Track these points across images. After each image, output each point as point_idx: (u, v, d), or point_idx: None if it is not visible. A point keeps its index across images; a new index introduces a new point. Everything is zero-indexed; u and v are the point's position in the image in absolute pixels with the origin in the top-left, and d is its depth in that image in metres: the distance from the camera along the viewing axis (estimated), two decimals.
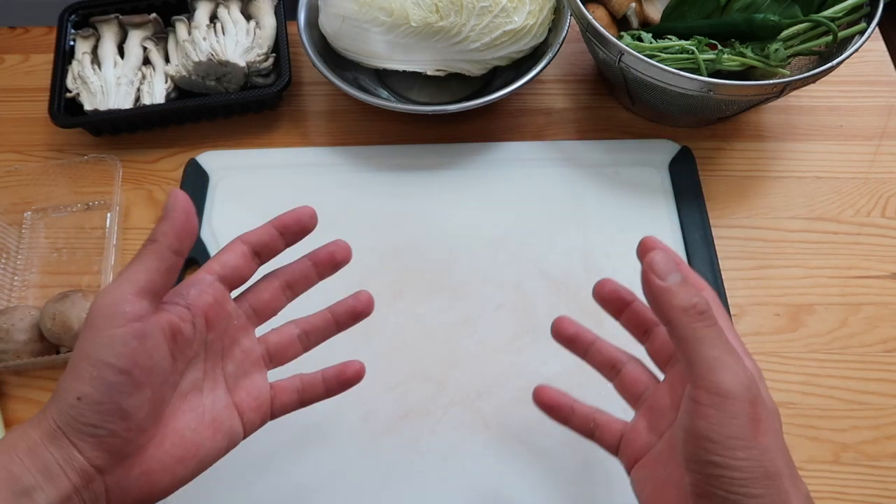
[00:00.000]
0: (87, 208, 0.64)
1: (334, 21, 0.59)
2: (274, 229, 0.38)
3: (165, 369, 0.32)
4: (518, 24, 0.57)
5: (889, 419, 0.54)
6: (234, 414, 0.36)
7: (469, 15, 0.55)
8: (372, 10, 0.56)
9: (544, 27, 0.61)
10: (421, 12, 0.55)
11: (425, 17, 0.55)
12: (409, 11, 0.55)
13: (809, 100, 0.71)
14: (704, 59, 0.59)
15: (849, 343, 0.57)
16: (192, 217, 0.34)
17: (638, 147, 0.67)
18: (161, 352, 0.32)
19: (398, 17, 0.55)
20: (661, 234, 0.61)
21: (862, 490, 0.51)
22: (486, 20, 0.55)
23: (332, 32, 0.61)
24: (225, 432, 0.36)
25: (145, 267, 0.32)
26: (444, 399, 0.54)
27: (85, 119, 0.65)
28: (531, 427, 0.53)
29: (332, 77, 0.61)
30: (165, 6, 0.72)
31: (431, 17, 0.55)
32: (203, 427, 0.35)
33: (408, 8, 0.55)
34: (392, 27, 0.56)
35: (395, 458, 0.52)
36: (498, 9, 0.55)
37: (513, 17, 0.56)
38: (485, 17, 0.55)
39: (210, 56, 0.65)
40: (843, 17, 0.60)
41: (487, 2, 0.55)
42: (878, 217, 0.64)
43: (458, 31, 0.55)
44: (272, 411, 0.38)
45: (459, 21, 0.55)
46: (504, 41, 0.57)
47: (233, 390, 0.37)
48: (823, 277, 0.61)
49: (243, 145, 0.68)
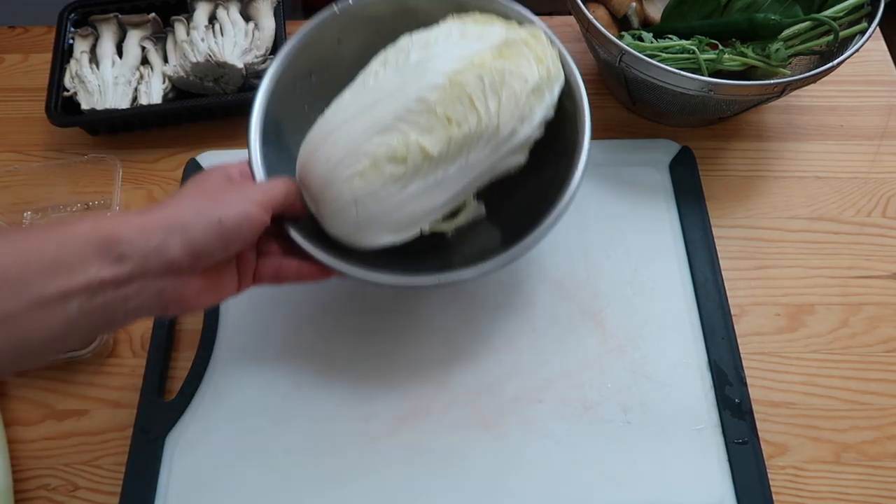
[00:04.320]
0: (87, 208, 0.64)
1: (347, 213, 0.44)
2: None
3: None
4: (535, 80, 0.46)
5: (890, 419, 0.54)
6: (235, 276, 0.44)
7: (483, 99, 0.43)
8: (380, 171, 0.42)
9: (558, 66, 0.49)
10: (434, 135, 0.43)
11: (444, 136, 0.43)
12: (421, 143, 0.42)
13: (810, 100, 0.71)
14: (705, 58, 0.59)
15: (849, 343, 0.57)
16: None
17: (638, 147, 0.67)
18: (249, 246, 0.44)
19: (413, 156, 0.42)
20: (661, 234, 0.61)
21: (862, 490, 0.51)
22: (504, 94, 0.44)
23: (351, 230, 0.45)
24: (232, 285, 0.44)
25: (281, 191, 0.43)
26: (444, 399, 0.54)
27: (82, 118, 0.65)
28: (531, 427, 0.53)
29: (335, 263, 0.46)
30: (165, 6, 0.72)
31: (450, 131, 0.43)
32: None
33: (417, 141, 0.42)
34: (413, 173, 0.43)
35: (395, 458, 0.52)
36: (507, 76, 0.44)
37: (525, 76, 0.45)
38: (500, 91, 0.44)
39: (208, 57, 0.65)
40: (844, 17, 0.60)
41: (490, 76, 0.44)
42: (879, 217, 0.64)
43: (482, 126, 0.43)
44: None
45: (478, 113, 0.43)
46: (533, 104, 0.46)
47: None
48: (824, 277, 0.61)
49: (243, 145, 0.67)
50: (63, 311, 0.33)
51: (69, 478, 0.52)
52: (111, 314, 0.35)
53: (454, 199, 0.46)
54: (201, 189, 0.41)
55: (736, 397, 0.54)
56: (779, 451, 0.53)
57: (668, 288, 0.59)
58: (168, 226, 0.37)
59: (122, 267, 0.35)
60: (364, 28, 0.54)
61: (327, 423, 0.53)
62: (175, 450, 0.52)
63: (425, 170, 0.43)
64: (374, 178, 0.43)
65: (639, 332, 0.56)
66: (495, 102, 0.44)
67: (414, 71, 0.44)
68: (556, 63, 0.48)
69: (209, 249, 0.38)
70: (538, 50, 0.47)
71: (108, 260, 0.34)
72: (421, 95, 0.43)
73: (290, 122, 0.53)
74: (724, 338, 0.56)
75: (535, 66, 0.46)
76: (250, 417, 0.53)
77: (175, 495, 0.50)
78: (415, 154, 0.42)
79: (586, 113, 0.49)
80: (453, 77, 0.43)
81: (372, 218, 0.44)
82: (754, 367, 0.56)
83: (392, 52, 0.46)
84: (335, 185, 0.43)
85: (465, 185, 0.45)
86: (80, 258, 0.34)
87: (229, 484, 0.51)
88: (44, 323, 0.32)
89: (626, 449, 0.52)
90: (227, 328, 0.57)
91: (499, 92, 0.44)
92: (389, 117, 0.43)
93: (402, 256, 0.47)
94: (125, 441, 0.52)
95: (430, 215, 0.46)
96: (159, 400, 0.53)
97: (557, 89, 0.48)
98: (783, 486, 0.51)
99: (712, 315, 0.57)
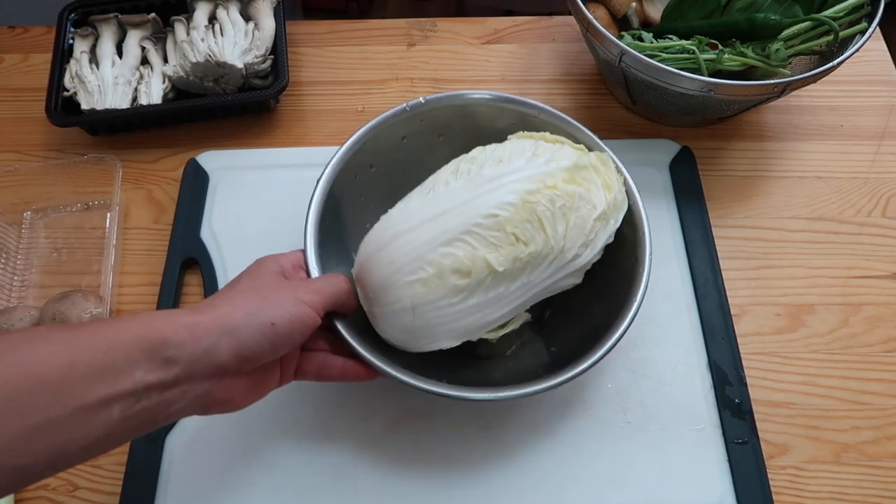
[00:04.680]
0: (86, 208, 0.64)
1: (403, 318, 0.44)
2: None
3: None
4: (602, 207, 0.46)
5: (890, 419, 0.54)
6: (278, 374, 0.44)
7: (552, 221, 0.43)
8: (444, 281, 0.42)
9: (623, 194, 0.49)
10: (501, 252, 0.42)
11: (510, 254, 0.42)
12: (487, 258, 0.42)
13: (810, 100, 0.71)
14: (705, 58, 0.59)
15: (849, 343, 0.57)
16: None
17: (638, 147, 0.67)
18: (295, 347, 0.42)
19: (478, 270, 0.42)
20: (662, 234, 0.61)
21: (862, 490, 0.51)
22: (572, 219, 0.44)
23: (404, 335, 0.45)
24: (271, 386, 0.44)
25: (334, 291, 0.43)
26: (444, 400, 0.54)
27: (82, 118, 0.65)
28: (531, 427, 0.53)
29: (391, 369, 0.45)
30: (165, 6, 0.72)
31: (517, 250, 0.43)
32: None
33: (484, 256, 0.42)
34: (475, 287, 0.43)
35: (396, 459, 0.52)
36: (576, 200, 0.44)
37: (593, 202, 0.45)
38: (569, 215, 0.44)
39: (208, 57, 0.65)
40: (844, 17, 0.60)
41: (561, 199, 0.44)
42: (879, 217, 0.64)
43: (548, 247, 0.43)
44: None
45: (545, 235, 0.43)
46: (598, 230, 0.46)
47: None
48: (824, 277, 0.61)
49: (243, 145, 0.68)
50: (106, 415, 0.32)
51: (69, 478, 0.52)
52: (152, 417, 0.34)
53: (511, 314, 0.46)
54: (254, 285, 0.41)
55: (736, 397, 0.54)
56: (779, 451, 0.53)
57: (668, 288, 0.59)
58: (220, 328, 0.36)
59: (168, 371, 0.34)
60: (428, 128, 0.56)
61: (327, 422, 0.53)
62: (175, 450, 0.52)
63: (487, 284, 0.43)
64: (436, 287, 0.42)
65: (639, 333, 0.56)
66: (563, 226, 0.44)
67: (486, 185, 0.44)
68: (622, 191, 0.49)
69: (259, 353, 0.38)
70: (606, 176, 0.48)
71: (156, 363, 0.34)
72: (492, 211, 0.43)
73: (347, 210, 0.53)
74: (724, 338, 0.56)
75: (602, 192, 0.46)
76: (250, 417, 0.53)
77: (175, 495, 0.50)
78: (480, 268, 0.42)
79: (647, 243, 0.49)
80: (525, 197, 0.43)
81: (428, 326, 0.44)
82: (754, 367, 0.56)
83: (465, 162, 0.47)
84: (395, 289, 0.43)
85: (523, 301, 0.45)
86: (128, 362, 0.33)
87: (229, 484, 0.51)
88: (85, 429, 0.32)
89: (625, 449, 0.52)
90: None
91: (567, 216, 0.44)
92: (459, 229, 0.43)
93: (441, 357, 0.47)
94: None
95: (485, 328, 0.45)
96: None
97: (621, 216, 0.48)
98: (783, 486, 0.51)
99: (712, 315, 0.57)
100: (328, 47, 0.76)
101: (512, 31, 0.78)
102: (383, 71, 0.74)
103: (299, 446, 0.52)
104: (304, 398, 0.54)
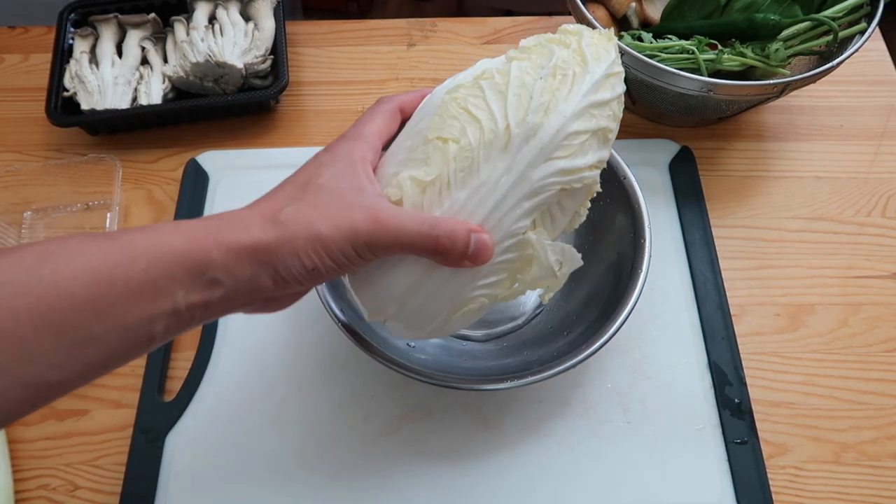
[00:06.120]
0: (86, 208, 0.64)
1: (389, 308, 0.39)
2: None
3: None
4: (554, 62, 0.37)
5: (889, 419, 0.54)
6: None
7: (487, 105, 0.36)
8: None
9: (602, 49, 0.38)
10: (429, 163, 0.36)
11: (439, 159, 0.36)
12: (412, 174, 0.37)
13: (810, 100, 0.71)
14: (704, 59, 0.59)
15: (849, 343, 0.57)
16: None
17: (638, 147, 0.67)
18: None
19: (408, 191, 0.36)
20: (662, 234, 0.61)
21: (862, 490, 0.51)
22: (510, 91, 0.36)
23: (404, 324, 0.39)
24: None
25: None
26: (444, 399, 0.54)
27: (82, 118, 0.65)
28: (531, 427, 0.53)
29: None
30: (165, 6, 0.72)
31: (445, 151, 0.36)
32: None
33: (409, 174, 0.37)
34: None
35: (396, 458, 0.52)
36: (516, 72, 0.37)
37: (540, 64, 0.37)
38: (506, 91, 0.36)
39: (208, 57, 0.65)
40: (843, 17, 0.60)
41: (494, 79, 0.37)
42: (879, 217, 0.64)
43: (489, 132, 0.36)
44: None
45: (477, 123, 0.36)
46: (557, 87, 0.36)
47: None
48: (824, 277, 0.61)
49: (243, 145, 0.68)
50: (148, 330, 0.31)
51: (69, 478, 0.52)
52: (198, 323, 0.34)
53: (499, 232, 0.36)
54: (317, 198, 0.36)
55: (736, 397, 0.54)
56: (778, 451, 0.53)
57: (667, 288, 0.59)
58: (258, 260, 0.33)
59: (213, 292, 0.32)
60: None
61: (327, 422, 0.53)
62: (175, 450, 0.52)
63: (430, 200, 0.36)
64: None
65: (639, 332, 0.56)
66: (500, 104, 0.36)
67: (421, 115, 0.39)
68: (602, 46, 0.38)
69: (304, 284, 0.35)
70: (578, 42, 0.38)
71: (199, 284, 0.32)
72: (417, 129, 0.38)
73: None
74: (723, 338, 0.56)
75: (558, 51, 0.37)
76: (250, 417, 0.53)
77: (175, 495, 0.50)
78: (409, 188, 0.36)
79: (647, 236, 0.48)
80: (447, 97, 0.37)
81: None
82: (754, 367, 0.56)
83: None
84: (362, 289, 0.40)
85: (489, 211, 0.36)
86: (169, 279, 0.31)
87: (229, 484, 0.51)
88: (126, 342, 0.31)
89: (625, 449, 0.52)
90: (227, 329, 0.57)
91: (504, 92, 0.36)
92: (394, 172, 0.38)
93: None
94: (125, 441, 0.52)
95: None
96: (159, 400, 0.53)
97: (598, 68, 0.37)
98: (783, 486, 0.51)
99: (712, 315, 0.57)
100: (328, 47, 0.76)
101: (512, 31, 0.78)
102: (383, 71, 0.74)
103: (299, 446, 0.52)
104: (304, 398, 0.54)
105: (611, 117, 0.37)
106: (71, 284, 0.29)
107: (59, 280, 0.29)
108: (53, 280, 0.29)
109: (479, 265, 0.36)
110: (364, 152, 0.37)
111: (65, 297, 0.29)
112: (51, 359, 0.28)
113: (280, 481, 0.51)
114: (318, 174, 0.36)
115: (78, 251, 0.30)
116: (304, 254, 0.33)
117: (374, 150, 0.38)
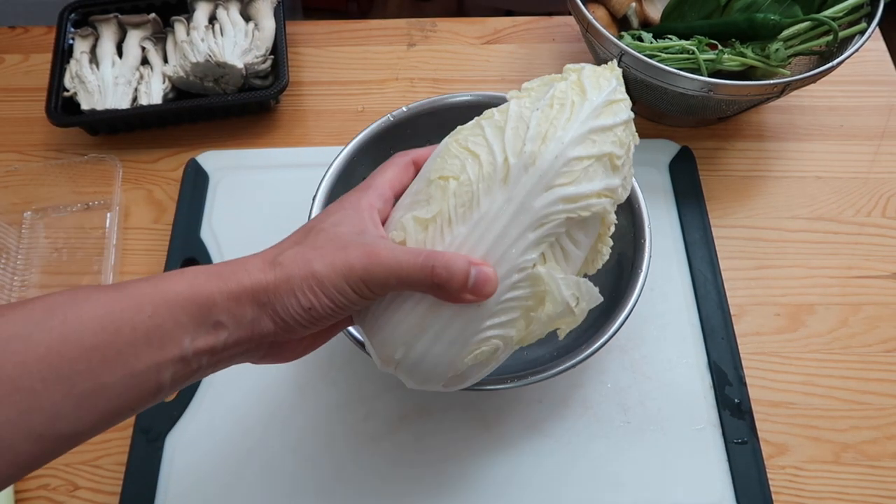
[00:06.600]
0: (86, 208, 0.64)
1: (396, 352, 0.37)
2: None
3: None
4: (553, 92, 0.38)
5: (889, 419, 0.54)
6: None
7: (487, 142, 0.37)
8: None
9: (608, 78, 0.40)
10: (431, 202, 0.37)
11: (439, 197, 0.36)
12: (415, 215, 0.37)
13: (810, 100, 0.71)
14: (705, 59, 0.59)
15: (849, 343, 0.57)
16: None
17: (638, 147, 0.66)
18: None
19: (411, 231, 0.37)
20: (662, 234, 0.61)
21: (862, 490, 0.51)
22: (509, 126, 0.37)
23: (412, 369, 0.38)
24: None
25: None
26: (444, 399, 0.54)
27: (82, 118, 0.65)
28: (531, 427, 0.53)
29: None
30: (165, 6, 0.72)
31: (446, 188, 0.36)
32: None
33: (412, 216, 0.37)
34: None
35: (396, 458, 0.52)
36: (514, 107, 0.37)
37: (539, 96, 0.38)
38: (505, 126, 0.37)
39: (208, 57, 0.65)
40: (843, 17, 0.60)
41: (492, 117, 0.38)
42: (879, 217, 0.64)
43: (488, 165, 0.36)
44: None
45: (477, 159, 0.36)
46: (555, 116, 0.37)
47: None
48: (824, 277, 0.61)
49: (243, 145, 0.68)
50: (157, 378, 0.31)
51: (69, 478, 0.52)
52: (203, 374, 0.34)
53: (503, 265, 0.35)
54: (320, 250, 0.36)
55: (736, 397, 0.54)
56: (778, 451, 0.53)
57: (667, 288, 0.59)
58: (258, 303, 0.33)
59: (218, 336, 0.33)
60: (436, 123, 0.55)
61: (327, 422, 0.53)
62: (175, 450, 0.52)
63: (431, 236, 0.36)
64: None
65: (639, 332, 0.56)
66: (499, 140, 0.36)
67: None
68: (606, 79, 0.39)
69: (299, 329, 0.35)
70: (568, 76, 0.39)
71: (204, 328, 0.32)
72: (425, 176, 0.38)
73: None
74: (723, 338, 0.56)
75: (558, 84, 0.38)
76: (250, 417, 0.53)
77: (175, 495, 0.50)
78: (412, 229, 0.36)
79: (647, 234, 0.48)
80: (449, 140, 0.38)
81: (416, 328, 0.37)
82: (754, 367, 0.56)
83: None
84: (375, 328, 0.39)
85: (491, 244, 0.35)
86: (175, 324, 0.31)
87: (229, 484, 0.51)
88: (135, 390, 0.31)
89: (625, 449, 0.52)
90: None
91: (503, 127, 0.36)
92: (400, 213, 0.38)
93: None
94: (125, 441, 0.52)
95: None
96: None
97: (604, 96, 0.38)
98: (783, 486, 0.51)
99: (712, 315, 0.57)
100: (328, 47, 0.76)
101: (512, 32, 0.78)
102: (383, 71, 0.74)
103: (299, 446, 0.52)
104: (304, 398, 0.54)
105: (616, 143, 0.37)
106: (78, 333, 0.29)
107: (67, 331, 0.29)
108: (62, 331, 0.29)
109: (483, 299, 0.35)
110: (372, 200, 0.38)
111: (73, 346, 0.29)
112: (60, 409, 0.29)
113: (280, 481, 0.51)
114: (322, 221, 0.37)
115: (85, 301, 0.31)
116: (301, 292, 0.33)
117: (384, 199, 0.39)
